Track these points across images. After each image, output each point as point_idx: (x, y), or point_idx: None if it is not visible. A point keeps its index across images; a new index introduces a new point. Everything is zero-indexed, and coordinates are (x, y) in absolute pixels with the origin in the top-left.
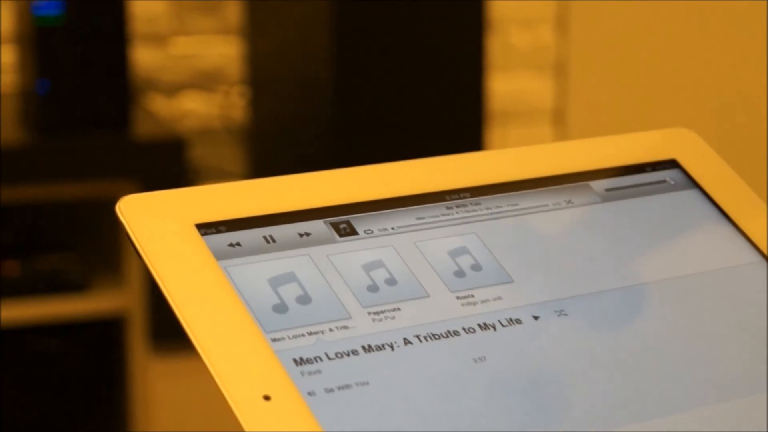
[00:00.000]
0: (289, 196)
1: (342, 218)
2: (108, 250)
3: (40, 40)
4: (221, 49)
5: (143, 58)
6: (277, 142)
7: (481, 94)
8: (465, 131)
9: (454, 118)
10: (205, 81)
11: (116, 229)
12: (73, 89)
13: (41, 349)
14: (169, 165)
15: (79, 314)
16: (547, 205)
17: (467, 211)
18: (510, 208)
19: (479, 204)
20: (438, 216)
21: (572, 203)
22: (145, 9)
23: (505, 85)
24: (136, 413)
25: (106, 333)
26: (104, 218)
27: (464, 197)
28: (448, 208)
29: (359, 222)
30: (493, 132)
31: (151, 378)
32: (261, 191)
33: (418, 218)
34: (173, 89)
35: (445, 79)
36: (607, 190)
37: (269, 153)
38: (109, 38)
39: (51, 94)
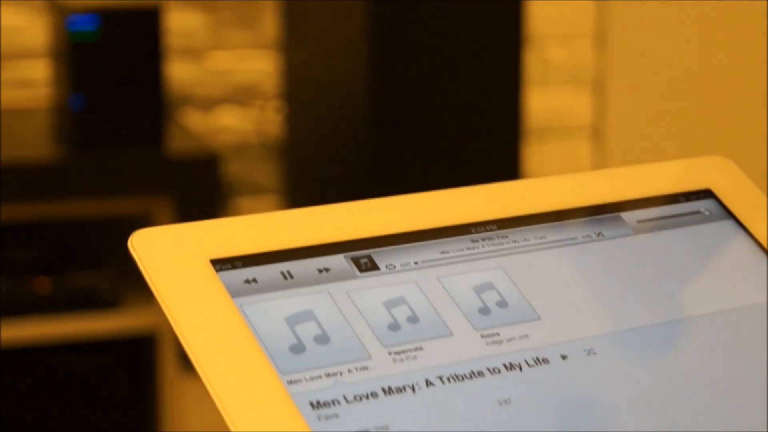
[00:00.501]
0: (307, 229)
1: (363, 252)
2: None
3: (74, 56)
4: (257, 64)
5: (179, 72)
6: (312, 158)
7: (519, 110)
8: (502, 147)
9: (491, 134)
10: (240, 96)
11: None
12: (107, 105)
13: (72, 367)
14: (203, 181)
15: (110, 332)
16: (576, 238)
17: (493, 245)
18: (538, 241)
19: (506, 237)
20: (463, 250)
21: (603, 236)
22: (181, 23)
23: (543, 101)
24: (166, 431)
25: (137, 351)
26: None
27: (490, 229)
28: (473, 241)
29: (381, 256)
30: (531, 148)
31: (182, 396)
32: (279, 224)
33: (442, 252)
34: (209, 104)
35: (482, 94)
36: (639, 221)
37: (305, 169)
38: (144, 53)
39: (85, 110)
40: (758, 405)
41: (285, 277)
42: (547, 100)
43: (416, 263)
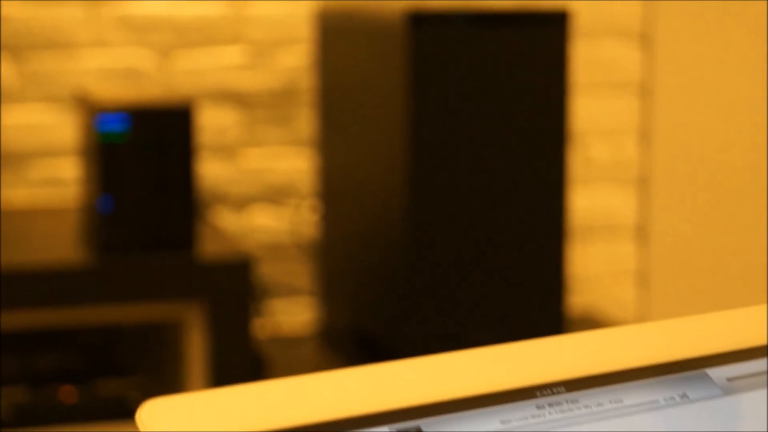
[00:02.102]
0: (340, 397)
1: (411, 424)
2: (170, 375)
3: (103, 157)
4: (292, 162)
5: (211, 170)
6: (348, 259)
7: (563, 210)
8: (546, 248)
9: (534, 234)
10: (275, 194)
11: (179, 353)
12: (137, 208)
13: None
14: (236, 285)
15: None
16: (657, 401)
17: (562, 411)
18: (614, 405)
19: (576, 401)
20: (527, 418)
21: (688, 397)
22: (214, 120)
23: (587, 199)
24: None
25: None
26: (167, 342)
27: (558, 392)
28: (538, 407)
29: (430, 427)
30: (575, 248)
31: None
32: (308, 391)
33: (503, 421)
34: (242, 203)
35: (525, 193)
36: (729, 379)
37: (340, 270)
38: (176, 154)
39: (114, 212)
40: None
41: None
42: (590, 198)
43: None
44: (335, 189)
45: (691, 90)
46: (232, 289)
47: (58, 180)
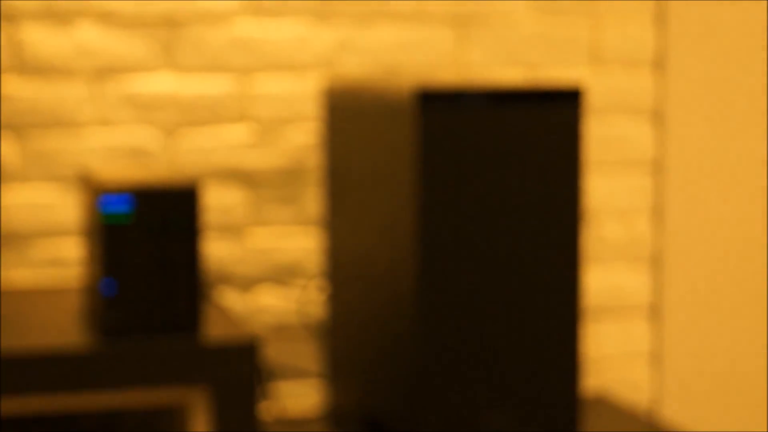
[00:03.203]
0: None
1: None
2: None
3: (107, 238)
4: (299, 241)
5: (217, 250)
6: (357, 340)
7: (576, 290)
8: (560, 328)
9: (548, 314)
10: (281, 274)
11: None
12: (141, 290)
13: None
14: (241, 368)
15: None
16: None
17: None
18: None
19: None
20: None
21: None
22: (220, 200)
23: (599, 279)
24: None
25: None
26: (172, 427)
27: None
28: None
29: None
30: (587, 327)
31: None
32: None
33: None
34: (248, 283)
35: (538, 273)
36: None
37: (348, 351)
38: (181, 235)
39: (117, 296)
40: None
41: None
42: (604, 277)
43: None
44: (343, 269)
45: (704, 167)
46: (237, 373)
47: (61, 261)
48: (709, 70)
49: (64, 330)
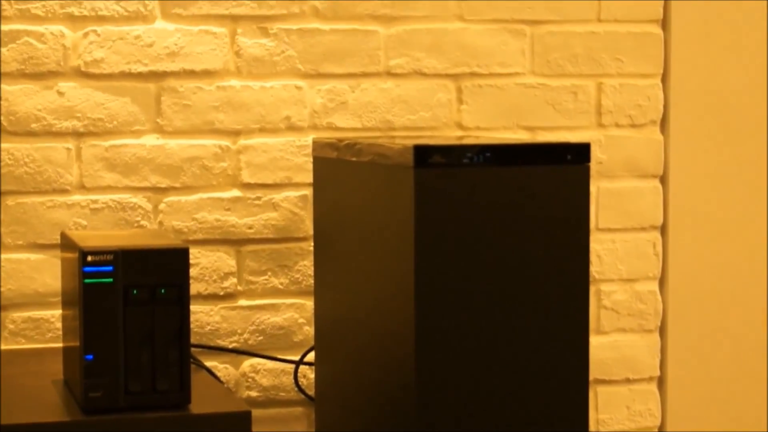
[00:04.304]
0: None
1: None
2: None
3: (87, 302)
4: (290, 308)
5: (205, 315)
6: (350, 410)
7: (584, 354)
8: (564, 397)
9: (552, 384)
10: (272, 342)
11: None
12: (124, 362)
13: None
14: None
15: None
16: None
17: None
18: None
19: None
20: None
21: None
22: (209, 263)
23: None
24: None
25: None
26: None
27: None
28: None
29: None
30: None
31: None
32: None
33: None
34: (238, 351)
35: (542, 340)
36: None
37: (342, 422)
38: (167, 300)
39: (99, 369)
40: None
41: None
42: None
43: None
44: (335, 336)
45: (706, 230)
46: None
47: (41, 327)
48: (711, 131)
49: (46, 404)
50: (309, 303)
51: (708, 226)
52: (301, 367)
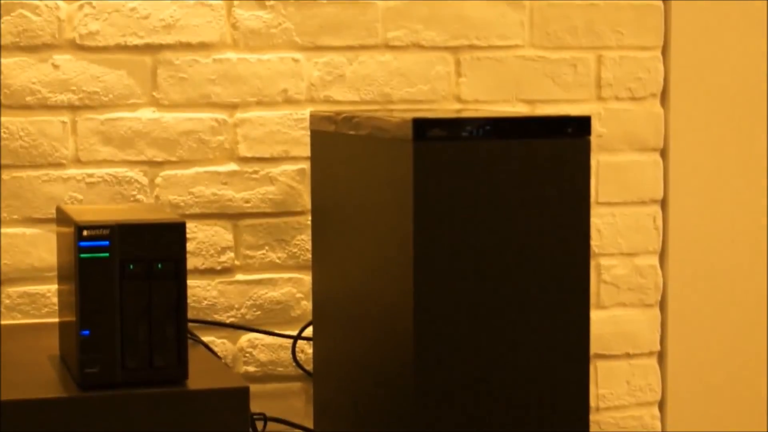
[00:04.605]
0: None
1: None
2: None
3: (83, 276)
4: (288, 283)
5: (202, 290)
6: (349, 384)
7: (584, 329)
8: (565, 370)
9: (552, 357)
10: (270, 316)
11: None
12: (120, 337)
13: None
14: (230, 419)
15: None
16: None
17: None
18: None
19: None
20: None
21: None
22: (205, 237)
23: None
24: None
25: None
26: None
27: None
28: None
29: None
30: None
31: None
32: None
33: None
34: (236, 326)
35: (542, 313)
36: None
37: (340, 395)
38: (164, 275)
39: (96, 343)
40: None
41: None
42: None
43: None
44: (334, 310)
45: (707, 204)
46: (226, 424)
47: (37, 302)
48: (711, 104)
49: (42, 380)
50: (307, 277)
51: (709, 200)
52: (299, 342)
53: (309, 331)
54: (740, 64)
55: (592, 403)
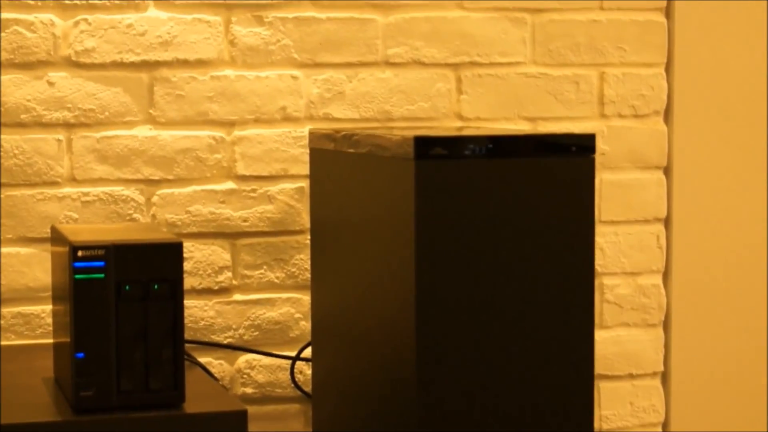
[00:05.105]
0: None
1: None
2: None
3: (78, 298)
4: (286, 302)
5: (199, 311)
6: (348, 404)
7: (588, 346)
8: (568, 388)
9: (555, 375)
10: (268, 336)
11: None
12: (116, 360)
13: None
14: None
15: None
16: None
17: None
18: None
19: None
20: None
21: None
22: (202, 257)
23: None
24: None
25: None
26: None
27: None
28: None
29: None
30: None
31: None
32: None
33: None
34: (234, 347)
35: (546, 332)
36: None
37: (340, 416)
38: (161, 296)
39: (90, 367)
40: None
41: None
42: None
43: None
44: (333, 329)
45: (710, 223)
46: None
47: (31, 322)
48: (715, 121)
49: (36, 403)
50: (305, 297)
51: (713, 219)
52: (298, 363)
53: (308, 352)
54: (745, 80)
55: (595, 424)
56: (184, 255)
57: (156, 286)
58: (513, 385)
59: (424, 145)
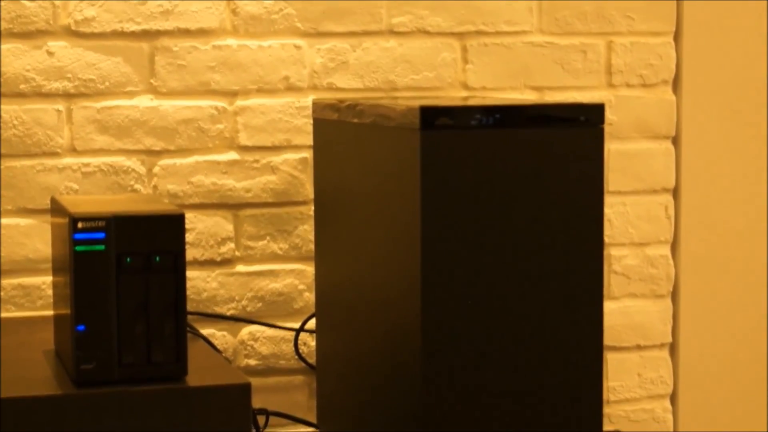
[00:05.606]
0: None
1: None
2: None
3: (78, 270)
4: (289, 275)
5: (202, 282)
6: (353, 378)
7: (597, 321)
8: (577, 363)
9: (563, 350)
10: (271, 308)
11: None
12: (117, 332)
13: None
14: (231, 416)
15: None
16: None
17: None
18: None
19: None
20: None
21: None
22: (205, 228)
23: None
24: None
25: None
26: None
27: None
28: None
29: None
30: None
31: None
32: None
33: None
34: (236, 318)
35: (552, 306)
36: None
37: (344, 390)
38: (164, 266)
39: (92, 339)
40: None
41: None
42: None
43: None
44: (337, 302)
45: (717, 192)
46: (227, 421)
47: (31, 294)
48: (724, 91)
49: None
50: (309, 269)
51: (722, 189)
52: (302, 335)
53: (312, 324)
54: (754, 49)
55: (603, 395)
56: (187, 226)
57: (158, 258)
58: (520, 357)
59: (430, 115)
